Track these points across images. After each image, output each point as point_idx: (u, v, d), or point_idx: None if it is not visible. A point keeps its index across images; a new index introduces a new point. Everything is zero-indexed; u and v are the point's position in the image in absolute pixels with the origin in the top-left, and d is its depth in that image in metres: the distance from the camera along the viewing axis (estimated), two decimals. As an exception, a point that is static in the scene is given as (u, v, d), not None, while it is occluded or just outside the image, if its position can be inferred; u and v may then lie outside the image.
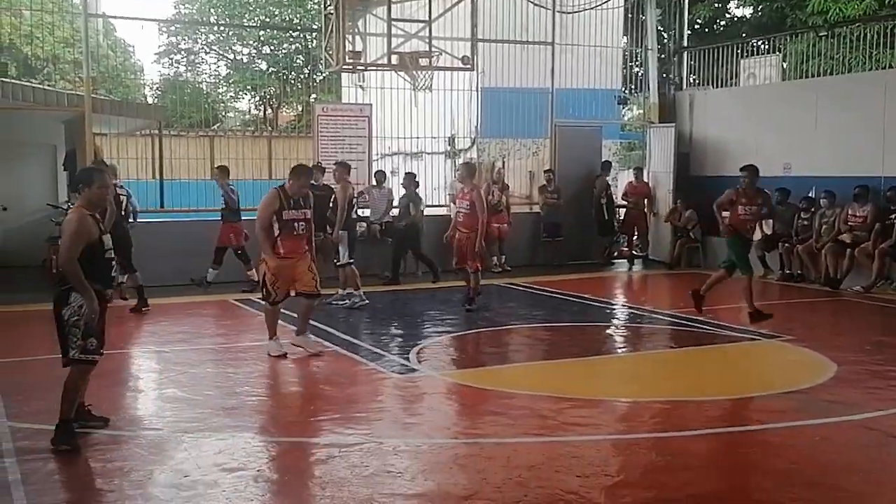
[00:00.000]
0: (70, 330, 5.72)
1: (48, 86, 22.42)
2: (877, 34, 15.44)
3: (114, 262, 6.12)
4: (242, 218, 12.76)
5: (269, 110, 38.86)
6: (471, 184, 11.22)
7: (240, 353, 8.94)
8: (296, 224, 8.30)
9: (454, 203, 12.20)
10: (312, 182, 13.43)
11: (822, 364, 8.28)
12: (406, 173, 14.44)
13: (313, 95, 33.00)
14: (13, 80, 16.72)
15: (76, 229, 5.64)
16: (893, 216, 12.62)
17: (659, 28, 18.08)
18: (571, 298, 12.65)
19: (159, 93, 37.31)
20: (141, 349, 9.44)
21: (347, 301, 11.54)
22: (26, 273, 13.59)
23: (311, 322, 9.15)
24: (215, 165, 14.01)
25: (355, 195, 12.23)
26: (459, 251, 11.21)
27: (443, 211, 15.76)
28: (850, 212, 13.16)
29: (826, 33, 17.24)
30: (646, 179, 17.05)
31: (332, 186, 12.07)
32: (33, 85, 15.84)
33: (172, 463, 5.56)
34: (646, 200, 16.86)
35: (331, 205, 11.66)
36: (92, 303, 5.65)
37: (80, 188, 5.88)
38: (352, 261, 11.55)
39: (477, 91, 17.54)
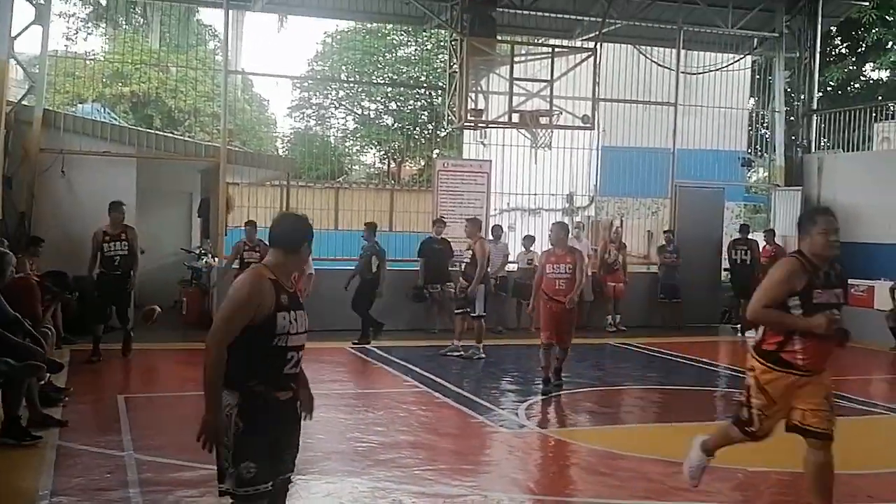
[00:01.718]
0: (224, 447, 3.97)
1: (188, 137, 23.76)
2: None
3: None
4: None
5: (393, 164, 39.87)
6: (566, 244, 9.75)
7: (352, 400, 9.15)
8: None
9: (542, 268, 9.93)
10: (433, 235, 13.86)
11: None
12: (366, 224, 13.92)
13: (436, 151, 33.78)
14: (157, 132, 17.84)
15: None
16: None
17: (788, 90, 17.72)
18: (687, 361, 12.37)
19: (290, 145, 38.91)
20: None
21: (463, 352, 11.65)
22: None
23: (421, 371, 9.28)
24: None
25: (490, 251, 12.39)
26: (556, 324, 9.57)
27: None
28: None
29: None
30: (778, 242, 16.43)
31: (448, 239, 12.38)
32: (175, 136, 16.85)
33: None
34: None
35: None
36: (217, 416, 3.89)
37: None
38: (484, 314, 11.69)
39: (597, 150, 17.57)
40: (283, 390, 4.03)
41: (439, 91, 32.28)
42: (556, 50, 14.79)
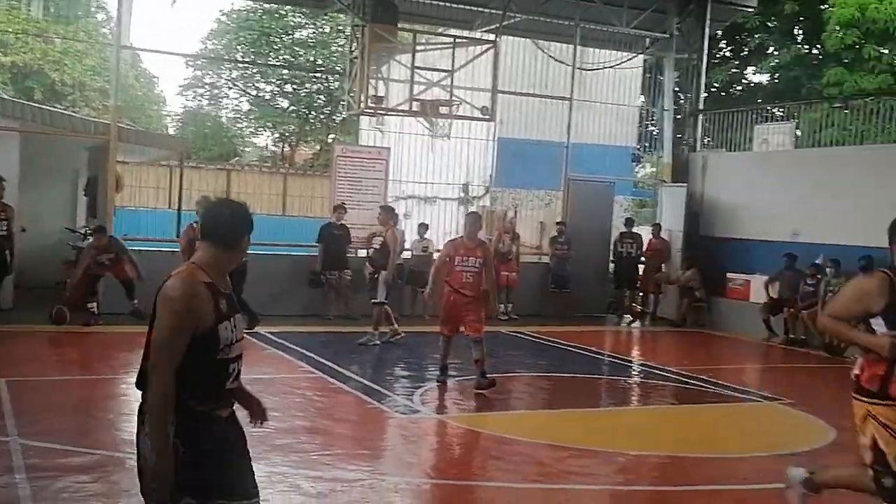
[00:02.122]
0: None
1: (73, 112, 22.88)
2: (891, 108, 15.72)
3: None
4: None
5: (288, 147, 39.37)
6: (478, 238, 9.47)
7: (246, 386, 9.04)
8: None
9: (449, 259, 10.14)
10: (333, 221, 13.81)
11: (821, 429, 8.35)
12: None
13: (331, 135, 33.55)
14: (43, 106, 17.09)
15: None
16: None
17: (676, 89, 18.41)
18: (576, 350, 12.76)
19: (181, 124, 37.90)
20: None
21: (379, 341, 11.68)
22: (41, 293, 13.79)
23: (316, 357, 9.22)
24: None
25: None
26: (458, 317, 9.27)
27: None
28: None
29: (841, 104, 17.54)
30: (663, 236, 17.03)
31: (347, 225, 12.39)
32: (61, 111, 16.19)
33: (178, 487, 5.67)
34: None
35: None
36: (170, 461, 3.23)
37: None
38: (386, 301, 11.68)
39: (493, 141, 17.84)
40: (226, 407, 3.50)
41: (336, 75, 32.19)
42: (458, 40, 14.94)
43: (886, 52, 22.06)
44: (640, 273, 16.95)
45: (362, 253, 14.77)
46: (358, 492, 5.79)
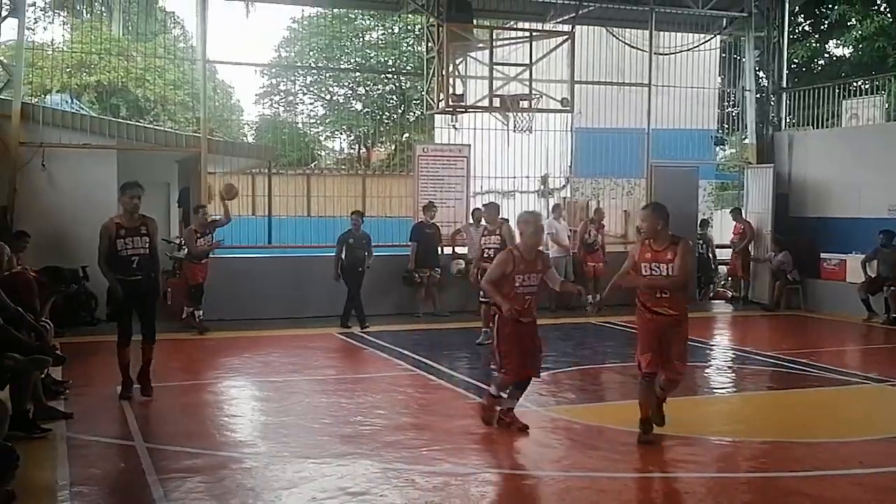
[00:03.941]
0: None
1: (158, 126, 23.59)
2: None
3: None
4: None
5: (364, 149, 39.83)
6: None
7: (349, 385, 9.29)
8: None
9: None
10: (425, 220, 14.05)
11: (934, 410, 8.16)
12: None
13: (406, 134, 33.81)
14: (136, 122, 17.71)
15: None
16: None
17: (756, 68, 18.05)
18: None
19: (259, 132, 38.68)
20: (256, 379, 9.88)
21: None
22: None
23: (412, 354, 9.37)
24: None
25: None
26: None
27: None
28: (958, 255, 12.85)
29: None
30: (746, 218, 16.84)
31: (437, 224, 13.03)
32: (154, 126, 16.74)
33: (298, 486, 5.88)
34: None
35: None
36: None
37: None
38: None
39: (571, 131, 17.76)
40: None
41: (408, 75, 32.42)
42: (534, 34, 14.94)
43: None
44: (730, 258, 16.85)
45: (447, 250, 14.95)
46: (471, 485, 5.91)
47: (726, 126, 20.14)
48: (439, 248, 14.49)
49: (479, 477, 6.11)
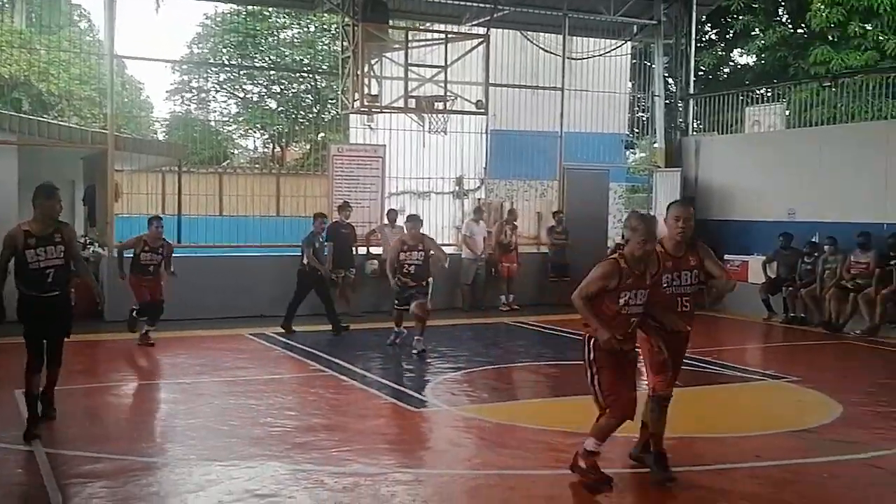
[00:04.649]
0: None
1: (62, 122, 22.85)
2: (878, 85, 15.88)
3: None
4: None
5: (278, 148, 39.37)
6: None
7: (259, 386, 9.17)
8: None
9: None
10: (340, 220, 13.93)
11: (827, 405, 8.50)
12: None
13: (321, 134, 33.55)
14: (39, 117, 17.10)
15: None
16: (894, 263, 12.89)
17: (665, 75, 18.53)
18: (578, 337, 12.83)
19: (170, 130, 37.84)
20: (162, 381, 9.66)
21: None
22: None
23: (326, 356, 9.32)
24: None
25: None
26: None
27: (450, 250, 16.02)
28: (853, 259, 13.42)
29: (829, 84, 17.69)
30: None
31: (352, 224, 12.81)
32: (57, 122, 16.22)
33: (205, 489, 5.78)
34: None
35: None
36: None
37: None
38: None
39: (486, 133, 17.94)
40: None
41: (324, 74, 32.15)
42: (449, 36, 15.03)
43: (871, 28, 22.20)
44: None
45: (362, 250, 14.91)
46: (381, 485, 5.90)
47: (636, 130, 20.66)
48: (354, 249, 14.43)
49: (390, 477, 6.11)
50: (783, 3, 24.66)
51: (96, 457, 6.39)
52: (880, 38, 21.82)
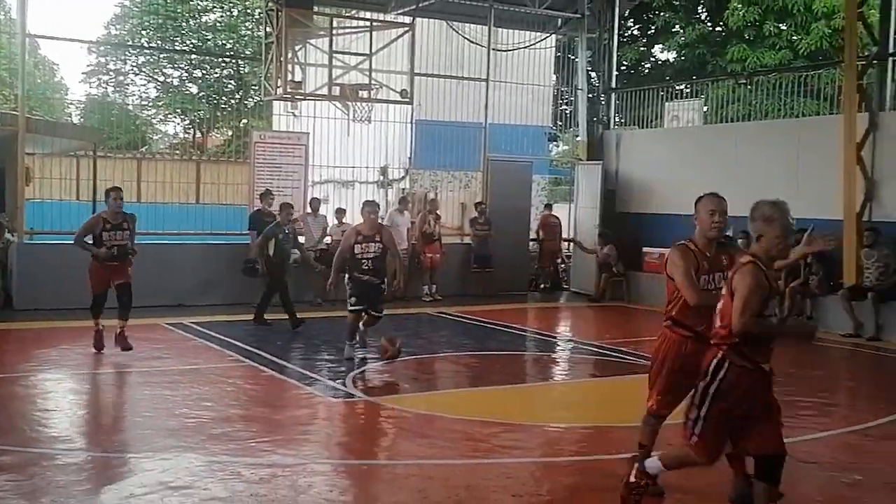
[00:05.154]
0: None
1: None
2: (791, 83, 16.40)
3: None
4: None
5: (199, 134, 38.59)
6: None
7: (175, 377, 8.98)
8: None
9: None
10: (263, 208, 13.71)
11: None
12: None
13: (244, 121, 33.00)
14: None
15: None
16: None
17: (588, 69, 18.78)
18: (500, 328, 13.00)
19: (85, 113, 36.74)
20: (74, 371, 9.39)
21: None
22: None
23: (244, 345, 9.15)
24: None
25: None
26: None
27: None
28: (765, 252, 13.81)
29: (745, 80, 18.18)
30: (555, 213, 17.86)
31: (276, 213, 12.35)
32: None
33: (117, 482, 5.65)
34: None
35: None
36: None
37: None
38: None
39: (411, 123, 17.92)
40: None
41: (247, 60, 31.64)
42: (374, 24, 14.94)
43: (785, 28, 22.89)
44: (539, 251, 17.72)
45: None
46: (299, 476, 5.85)
47: (560, 123, 20.91)
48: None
49: (308, 467, 6.06)
50: (702, 2, 25.21)
51: (2, 449, 6.17)
52: (794, 37, 22.52)
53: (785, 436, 4.85)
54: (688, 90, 19.59)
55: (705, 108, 18.45)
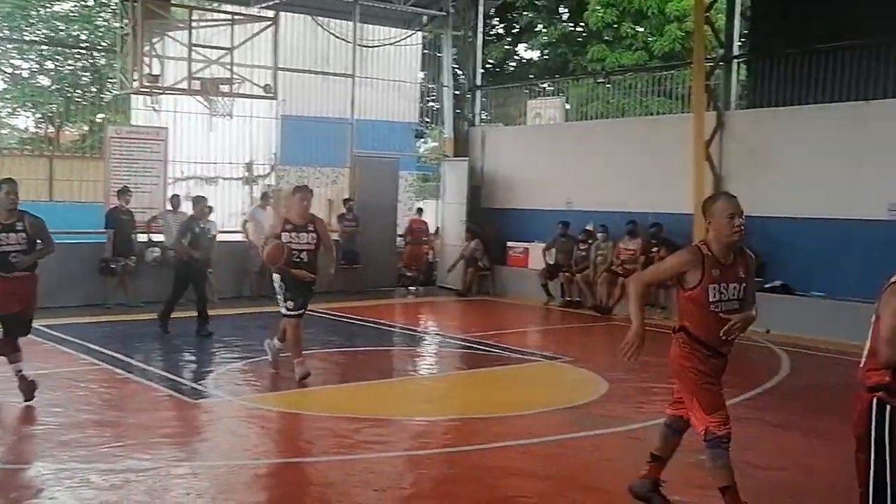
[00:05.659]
0: None
1: None
2: (646, 83, 17.09)
3: None
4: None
5: (52, 129, 36.75)
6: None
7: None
8: None
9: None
10: (120, 205, 13.24)
11: (596, 382, 9.05)
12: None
13: (100, 115, 31.66)
14: None
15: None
16: (655, 249, 13.90)
17: (454, 66, 18.98)
18: (368, 324, 12.99)
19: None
20: None
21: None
22: None
23: (99, 348, 8.84)
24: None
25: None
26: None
27: (238, 237, 15.64)
28: (622, 245, 14.37)
29: (603, 80, 18.81)
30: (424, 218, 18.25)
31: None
32: None
33: (-46, 495, 5.33)
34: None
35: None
36: None
37: None
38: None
39: (277, 119, 17.64)
40: None
41: (103, 52, 30.35)
42: (236, 17, 14.61)
43: (641, 30, 23.82)
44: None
45: (143, 238, 14.27)
46: (154, 480, 5.68)
47: (427, 120, 21.03)
48: (134, 236, 13.80)
49: (164, 471, 5.89)
50: (564, 2, 25.91)
51: None
52: (649, 39, 23.47)
53: (638, 421, 5.02)
54: (551, 88, 20.11)
55: (567, 106, 18.98)
